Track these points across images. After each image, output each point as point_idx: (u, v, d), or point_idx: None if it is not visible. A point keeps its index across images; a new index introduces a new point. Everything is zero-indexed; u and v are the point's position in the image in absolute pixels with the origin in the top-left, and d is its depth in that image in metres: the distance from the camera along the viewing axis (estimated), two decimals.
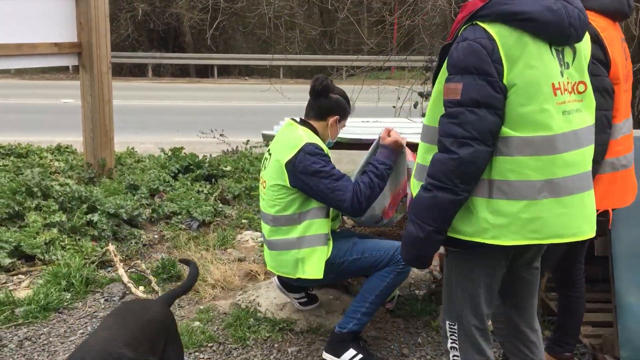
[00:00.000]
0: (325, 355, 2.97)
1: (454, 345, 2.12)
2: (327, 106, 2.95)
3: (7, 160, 6.44)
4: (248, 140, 8.16)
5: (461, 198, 1.88)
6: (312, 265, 2.83)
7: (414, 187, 2.11)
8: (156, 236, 5.00)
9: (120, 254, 4.46)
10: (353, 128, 3.38)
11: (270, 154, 2.93)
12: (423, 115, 5.75)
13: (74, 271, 3.72)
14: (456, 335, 2.11)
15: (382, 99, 7.27)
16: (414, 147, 3.16)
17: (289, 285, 3.21)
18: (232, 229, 5.26)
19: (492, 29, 1.84)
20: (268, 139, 3.27)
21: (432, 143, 1.99)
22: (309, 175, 2.74)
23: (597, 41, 2.28)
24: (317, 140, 2.85)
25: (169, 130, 11.07)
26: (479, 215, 1.90)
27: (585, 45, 2.00)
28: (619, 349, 2.57)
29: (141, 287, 3.77)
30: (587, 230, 1.97)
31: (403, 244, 2.05)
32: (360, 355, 2.91)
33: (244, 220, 5.45)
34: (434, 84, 2.03)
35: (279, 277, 3.18)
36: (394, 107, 7.05)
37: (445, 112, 1.90)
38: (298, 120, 3.00)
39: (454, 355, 2.13)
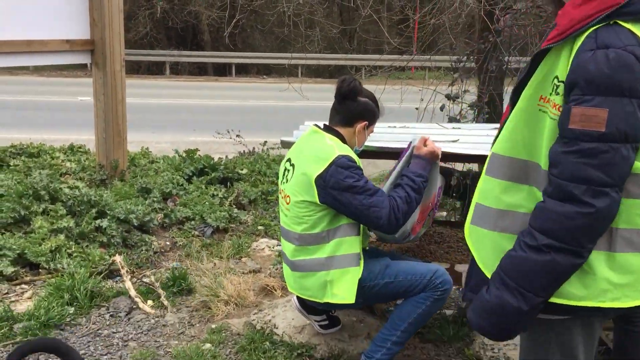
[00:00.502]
0: None
1: None
2: (355, 111, 2.65)
3: (18, 160, 6.24)
4: (265, 142, 7.91)
5: (583, 261, 1.48)
6: (343, 289, 2.54)
7: (480, 239, 1.64)
8: (168, 243, 4.77)
9: (130, 262, 4.23)
10: (379, 135, 3.09)
11: (292, 165, 2.64)
12: (450, 119, 5.45)
13: (79, 283, 3.48)
14: None
15: (405, 99, 6.97)
16: (448, 157, 2.87)
17: (309, 306, 2.92)
18: (247, 236, 5.00)
19: None
20: (287, 145, 2.98)
21: (515, 180, 1.56)
22: (341, 191, 2.45)
23: None
24: (349, 152, 2.56)
25: (185, 129, 10.88)
26: (597, 274, 1.48)
27: None
28: None
29: (149, 302, 3.52)
30: None
31: (490, 313, 1.57)
32: None
33: (259, 227, 5.20)
34: (515, 98, 1.60)
35: (299, 297, 2.89)
36: (416, 108, 6.74)
37: (573, 146, 1.42)
38: (321, 126, 2.71)
39: None
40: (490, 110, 5.25)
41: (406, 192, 2.54)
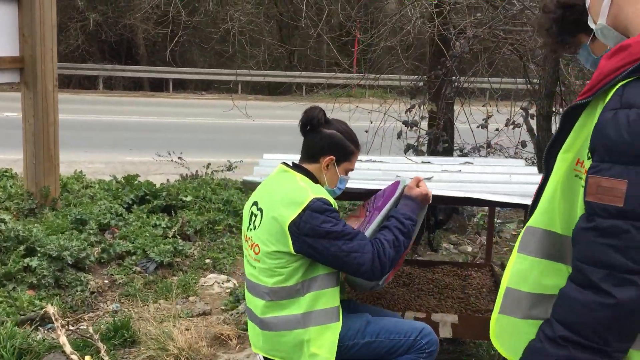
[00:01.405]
0: None
1: None
2: (318, 144, 2.36)
3: None
4: (209, 164, 7.53)
5: None
6: (323, 348, 2.25)
7: (511, 330, 1.40)
8: (106, 281, 4.35)
9: (64, 305, 3.80)
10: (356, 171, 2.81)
11: (260, 209, 2.33)
12: (408, 147, 5.28)
13: (4, 339, 3.04)
14: None
15: (351, 118, 6.79)
16: (436, 200, 2.63)
17: None
18: (194, 271, 4.65)
19: None
20: (250, 186, 2.67)
21: (554, 259, 1.33)
22: (317, 238, 2.18)
23: None
24: (323, 193, 2.28)
25: (121, 148, 10.35)
26: None
27: None
28: None
29: (87, 358, 3.11)
30: None
31: None
32: None
33: (207, 261, 4.86)
34: (547, 161, 1.39)
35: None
36: (366, 131, 6.57)
37: (591, 222, 1.22)
38: (290, 164, 2.43)
39: None
40: (448, 137, 5.12)
41: (394, 235, 2.28)
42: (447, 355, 3.26)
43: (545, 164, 1.39)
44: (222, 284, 4.50)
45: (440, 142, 4.92)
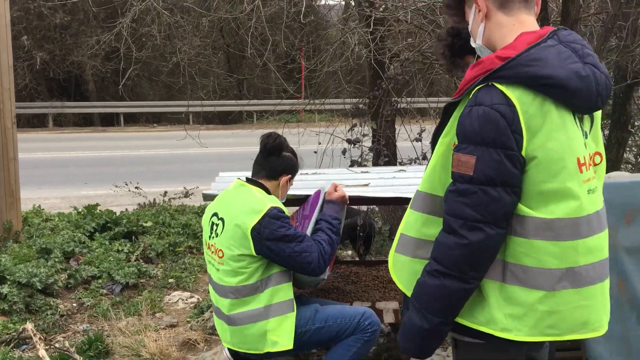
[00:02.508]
0: None
1: None
2: (280, 166, 2.78)
3: None
4: (166, 192, 7.80)
5: (473, 286, 1.64)
6: (283, 336, 2.61)
7: (402, 265, 1.81)
8: (75, 304, 4.57)
9: (36, 327, 4.01)
10: (294, 182, 3.21)
11: (221, 219, 2.69)
12: (353, 163, 5.72)
13: None
14: None
15: (303, 142, 7.18)
16: (362, 200, 3.05)
17: (241, 357, 2.93)
18: (159, 290, 4.91)
19: (512, 93, 1.58)
20: (209, 199, 3.03)
21: (434, 214, 1.74)
22: (275, 241, 2.56)
23: None
24: (278, 203, 2.67)
25: (75, 183, 10.44)
26: (491, 302, 1.66)
27: (599, 111, 1.77)
28: None
29: None
30: (606, 323, 1.75)
31: (403, 333, 1.78)
32: None
33: (170, 280, 5.12)
34: (434, 144, 1.79)
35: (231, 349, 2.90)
36: (315, 152, 6.98)
37: (454, 186, 1.64)
38: (244, 179, 2.80)
39: None
40: (388, 152, 5.57)
41: (328, 235, 2.69)
42: (394, 342, 3.64)
43: (432, 146, 1.81)
44: (186, 300, 4.78)
45: (382, 156, 5.37)
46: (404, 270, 1.81)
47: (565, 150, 1.60)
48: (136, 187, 7.73)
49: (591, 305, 1.67)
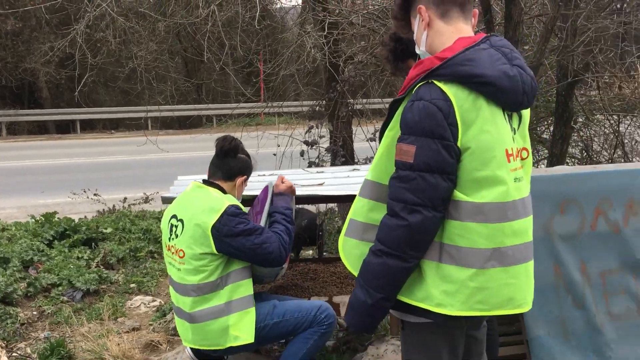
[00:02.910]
0: None
1: None
2: (236, 167, 2.88)
3: None
4: (125, 198, 7.78)
5: (412, 265, 1.81)
6: (244, 330, 2.71)
7: (350, 247, 1.97)
8: (35, 313, 4.56)
9: None
10: (251, 183, 3.31)
11: (180, 220, 2.77)
12: (310, 164, 5.83)
13: None
14: None
15: (262, 145, 7.26)
16: (318, 199, 3.17)
17: (202, 354, 3.02)
18: (120, 295, 4.93)
19: (449, 90, 1.76)
20: (168, 201, 3.10)
21: (379, 201, 1.89)
22: (234, 237, 2.65)
23: None
24: (235, 201, 2.77)
25: (32, 192, 10.26)
26: (428, 280, 1.82)
27: (527, 111, 1.96)
28: None
29: None
30: (530, 301, 1.92)
31: (349, 308, 1.92)
32: None
33: (132, 285, 5.15)
34: (381, 136, 1.94)
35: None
36: (274, 154, 7.08)
37: (396, 173, 1.81)
38: (201, 181, 2.89)
39: None
40: (345, 152, 5.72)
41: (284, 225, 2.81)
42: (353, 336, 3.77)
43: (379, 139, 1.97)
44: (149, 304, 4.82)
45: (339, 157, 5.51)
46: (352, 252, 1.97)
47: (495, 142, 1.79)
48: (95, 194, 7.70)
49: (516, 283, 1.85)
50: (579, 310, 2.75)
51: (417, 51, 2.01)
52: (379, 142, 1.96)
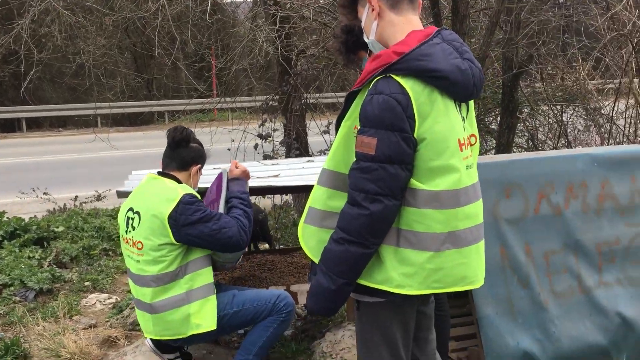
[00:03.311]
0: None
1: None
2: (189, 156, 2.90)
3: None
4: (77, 197, 7.64)
5: (372, 251, 1.89)
6: (205, 318, 2.74)
7: (310, 234, 2.04)
8: None
9: None
10: (207, 176, 3.34)
11: (136, 213, 2.78)
12: (265, 157, 5.87)
13: None
14: None
15: (216, 140, 7.24)
16: (273, 190, 3.22)
17: (162, 345, 3.04)
18: (75, 294, 4.87)
19: (407, 84, 1.83)
20: (124, 195, 3.10)
21: (337, 189, 1.97)
22: (192, 225, 2.68)
23: None
24: (191, 190, 2.80)
25: None
26: (387, 264, 1.90)
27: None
28: (485, 359, 2.82)
29: None
30: (481, 278, 2.04)
31: (312, 294, 1.98)
32: None
33: (87, 283, 5.08)
34: (337, 127, 2.00)
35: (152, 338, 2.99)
36: (229, 149, 7.08)
37: (357, 164, 1.87)
38: (156, 173, 2.91)
39: None
40: (300, 145, 5.77)
41: (242, 209, 2.85)
42: (311, 324, 3.85)
43: (335, 130, 2.04)
44: (104, 301, 4.77)
45: (293, 149, 5.56)
46: (312, 239, 2.04)
47: (448, 133, 1.88)
48: (45, 193, 7.53)
49: (468, 262, 1.96)
50: (525, 290, 2.89)
51: (366, 40, 2.09)
52: (336, 133, 2.02)
